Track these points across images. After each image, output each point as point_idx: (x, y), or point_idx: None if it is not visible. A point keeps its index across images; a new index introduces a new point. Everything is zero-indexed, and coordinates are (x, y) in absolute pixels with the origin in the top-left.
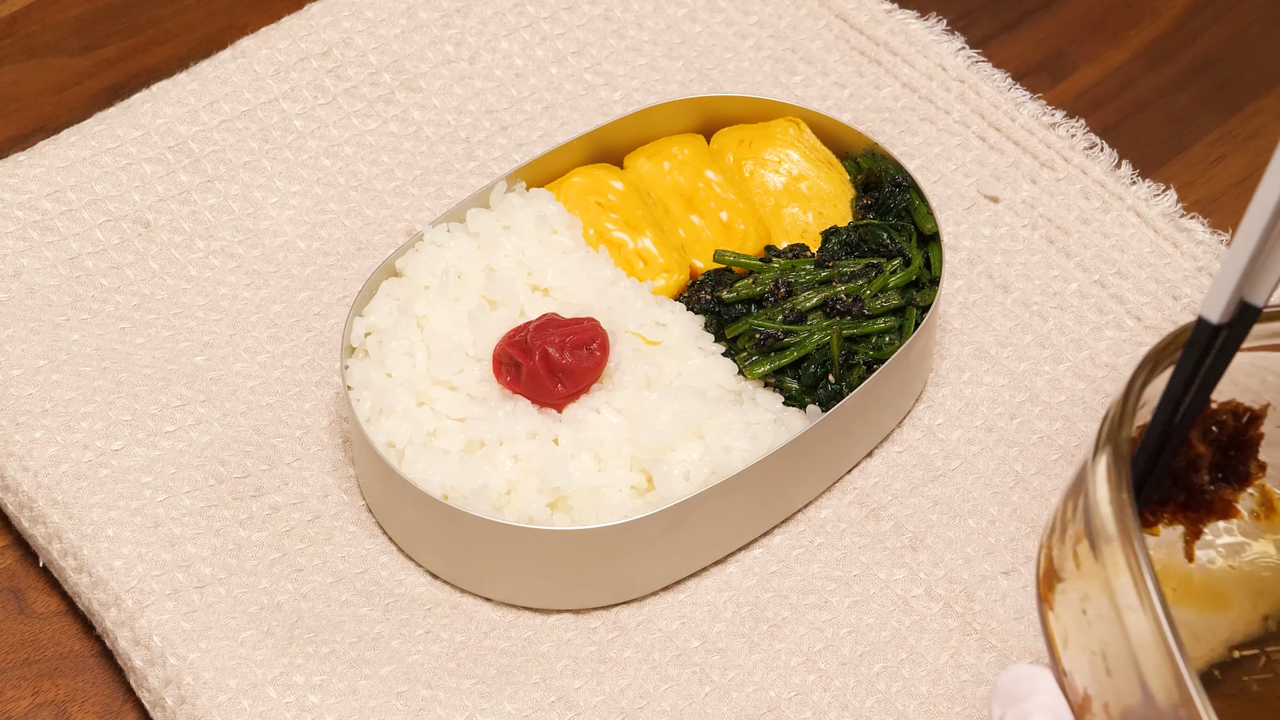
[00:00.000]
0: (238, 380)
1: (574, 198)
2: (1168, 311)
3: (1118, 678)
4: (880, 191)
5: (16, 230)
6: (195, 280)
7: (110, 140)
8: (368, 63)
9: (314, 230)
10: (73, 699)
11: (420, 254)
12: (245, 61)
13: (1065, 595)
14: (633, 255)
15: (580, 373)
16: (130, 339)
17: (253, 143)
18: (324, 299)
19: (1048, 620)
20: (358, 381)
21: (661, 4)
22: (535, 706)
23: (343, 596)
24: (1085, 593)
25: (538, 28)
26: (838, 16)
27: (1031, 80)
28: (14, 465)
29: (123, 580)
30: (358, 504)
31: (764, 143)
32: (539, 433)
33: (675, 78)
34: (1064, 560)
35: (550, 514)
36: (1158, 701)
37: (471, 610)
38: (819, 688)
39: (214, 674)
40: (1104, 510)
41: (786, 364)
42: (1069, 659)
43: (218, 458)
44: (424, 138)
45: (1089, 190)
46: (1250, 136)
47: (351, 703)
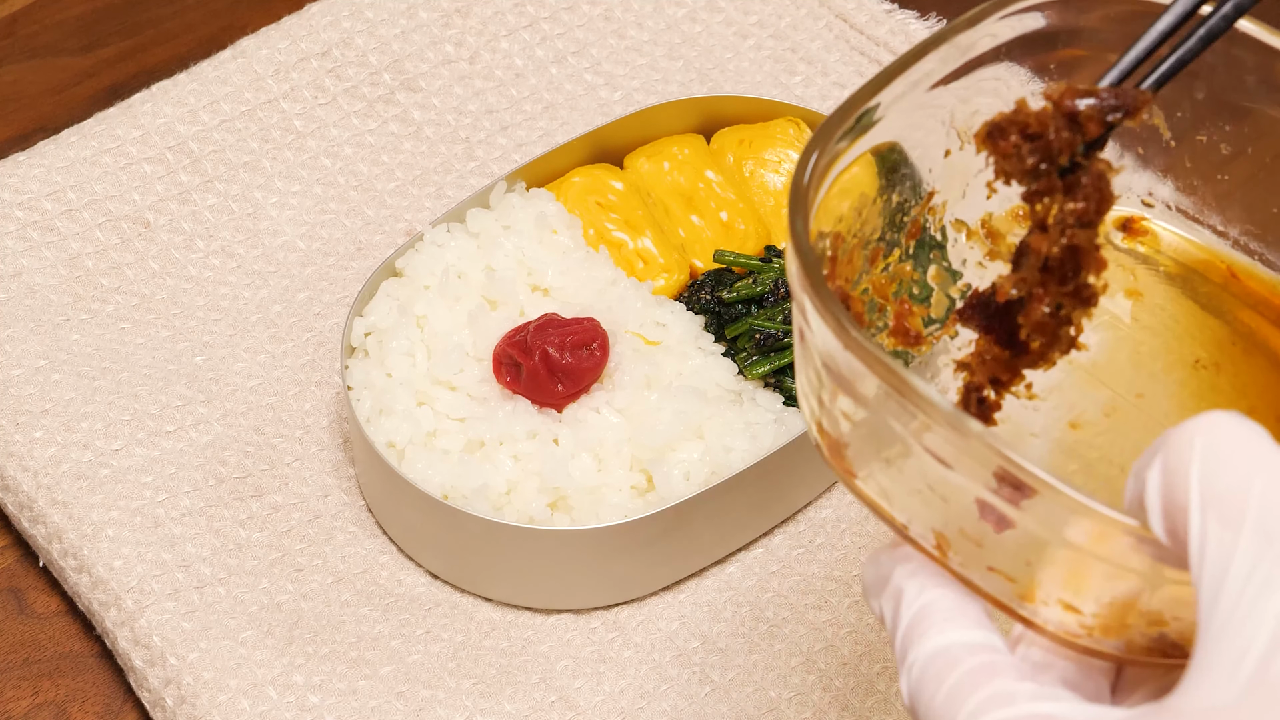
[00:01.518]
0: (238, 380)
1: (574, 198)
2: None
3: (948, 496)
4: None
5: (16, 230)
6: (195, 280)
7: (110, 140)
8: (368, 63)
9: (314, 230)
10: (73, 699)
11: (420, 254)
12: (245, 61)
13: (856, 452)
14: (633, 255)
15: (580, 373)
16: (130, 339)
17: (253, 143)
18: (324, 299)
19: (861, 491)
20: (358, 381)
21: (661, 4)
22: (535, 706)
23: (343, 596)
24: (868, 436)
25: (538, 28)
26: (838, 16)
27: None
28: (14, 465)
29: (123, 580)
30: (358, 504)
31: (764, 143)
32: (539, 433)
33: (675, 78)
34: (836, 423)
35: (550, 514)
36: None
37: (471, 610)
38: (819, 688)
39: (214, 674)
40: (828, 344)
41: (786, 364)
42: (900, 512)
43: (218, 458)
44: (424, 138)
45: None
46: None
47: (351, 703)
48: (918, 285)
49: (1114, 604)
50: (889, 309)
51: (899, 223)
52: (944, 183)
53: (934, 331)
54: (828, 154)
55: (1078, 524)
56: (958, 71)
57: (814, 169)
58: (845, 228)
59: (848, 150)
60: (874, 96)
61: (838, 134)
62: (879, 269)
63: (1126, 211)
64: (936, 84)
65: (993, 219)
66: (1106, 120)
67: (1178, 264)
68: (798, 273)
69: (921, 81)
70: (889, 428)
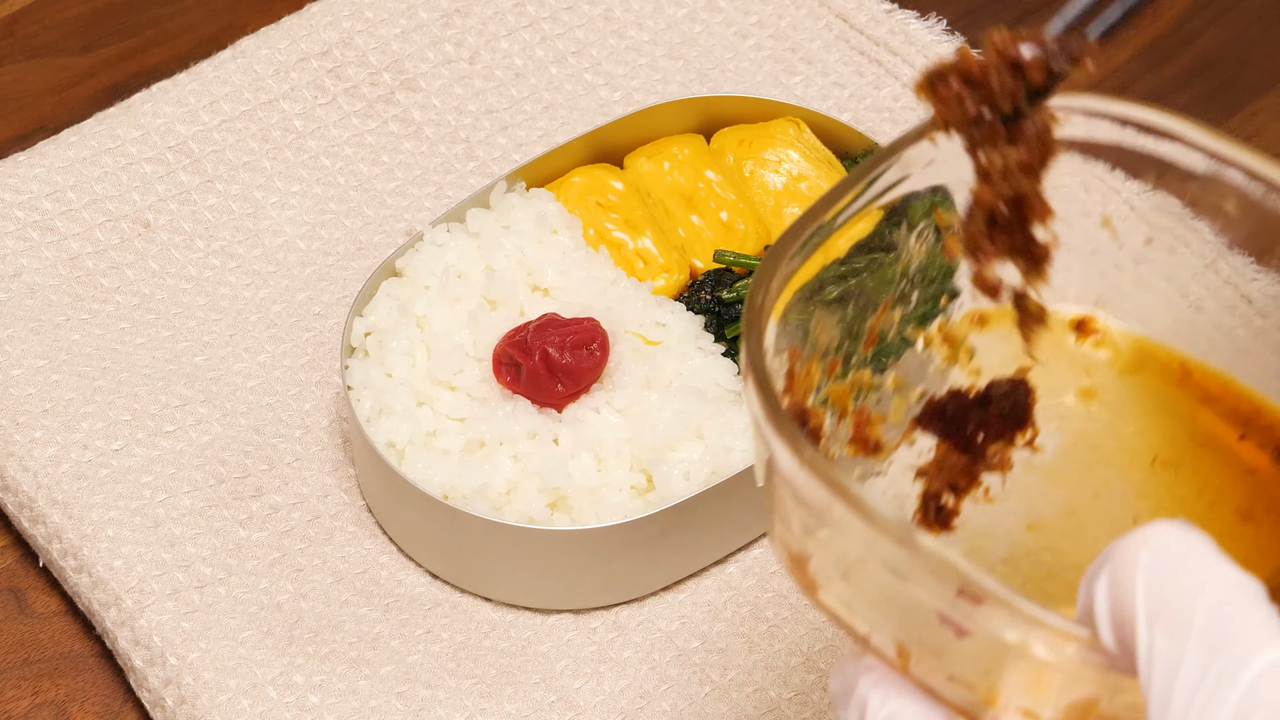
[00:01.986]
0: (238, 380)
1: (574, 198)
2: None
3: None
4: None
5: (16, 230)
6: (195, 280)
7: (110, 140)
8: (368, 63)
9: (314, 230)
10: (73, 699)
11: (420, 254)
12: (245, 61)
13: (818, 566)
14: (633, 255)
15: (580, 373)
16: (130, 339)
17: (253, 143)
18: (324, 299)
19: (824, 603)
20: (358, 381)
21: (661, 4)
22: (535, 706)
23: (343, 596)
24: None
25: (538, 28)
26: (838, 16)
27: None
28: (14, 465)
29: (123, 580)
30: (358, 504)
31: (764, 143)
32: (539, 433)
33: (675, 78)
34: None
35: (550, 514)
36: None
37: (471, 610)
38: (819, 688)
39: (214, 674)
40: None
41: None
42: (862, 623)
43: (218, 458)
44: (424, 138)
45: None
46: (1250, 136)
47: (351, 703)
48: (876, 393)
49: (1073, 710)
50: (849, 418)
51: (856, 332)
52: (900, 292)
53: (894, 439)
54: (782, 272)
55: (1031, 635)
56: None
57: (769, 288)
58: (802, 343)
59: (803, 267)
60: (827, 211)
61: (791, 251)
62: (837, 379)
63: (1079, 311)
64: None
65: (949, 324)
66: (1050, 68)
67: (1132, 362)
68: (754, 394)
69: (876, 197)
70: (847, 544)
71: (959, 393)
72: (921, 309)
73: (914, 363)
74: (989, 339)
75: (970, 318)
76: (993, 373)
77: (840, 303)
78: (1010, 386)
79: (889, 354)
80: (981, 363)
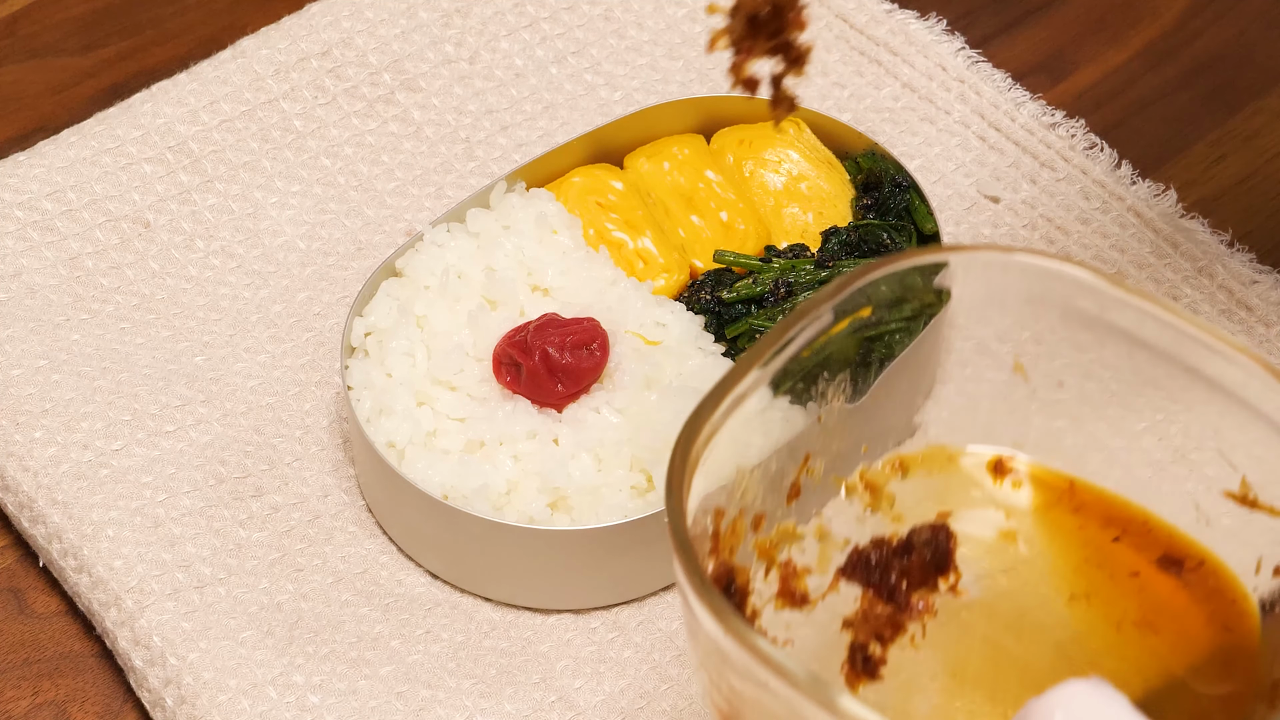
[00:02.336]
0: (238, 380)
1: (574, 198)
2: None
3: None
4: (880, 191)
5: (16, 230)
6: (195, 280)
7: (110, 140)
8: (368, 63)
9: (314, 230)
10: (73, 699)
11: (420, 254)
12: (245, 61)
13: None
14: (633, 255)
15: (580, 373)
16: (130, 339)
17: (253, 143)
18: (324, 299)
19: None
20: (358, 381)
21: (661, 4)
22: (535, 706)
23: (343, 596)
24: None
25: (538, 28)
26: (838, 16)
27: (1031, 80)
28: (14, 465)
29: (123, 580)
30: (358, 504)
31: (764, 143)
32: (539, 433)
33: (675, 78)
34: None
35: (550, 514)
36: None
37: (471, 610)
38: None
39: (214, 674)
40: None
41: None
42: None
43: (218, 458)
44: (424, 138)
45: (1089, 190)
46: (1250, 136)
47: (351, 703)
48: (801, 544)
49: None
50: (775, 571)
51: (779, 486)
52: (819, 445)
53: (820, 589)
54: (702, 438)
55: None
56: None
57: (689, 455)
58: (726, 503)
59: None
60: (745, 376)
61: (712, 418)
62: (762, 533)
63: (996, 452)
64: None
65: (869, 471)
66: None
67: (1046, 499)
68: (678, 564)
69: (791, 356)
70: (775, 706)
71: (882, 541)
72: (841, 458)
73: (837, 511)
74: (909, 485)
75: (890, 464)
76: (914, 519)
77: (761, 460)
78: (931, 533)
79: (811, 506)
80: (902, 509)
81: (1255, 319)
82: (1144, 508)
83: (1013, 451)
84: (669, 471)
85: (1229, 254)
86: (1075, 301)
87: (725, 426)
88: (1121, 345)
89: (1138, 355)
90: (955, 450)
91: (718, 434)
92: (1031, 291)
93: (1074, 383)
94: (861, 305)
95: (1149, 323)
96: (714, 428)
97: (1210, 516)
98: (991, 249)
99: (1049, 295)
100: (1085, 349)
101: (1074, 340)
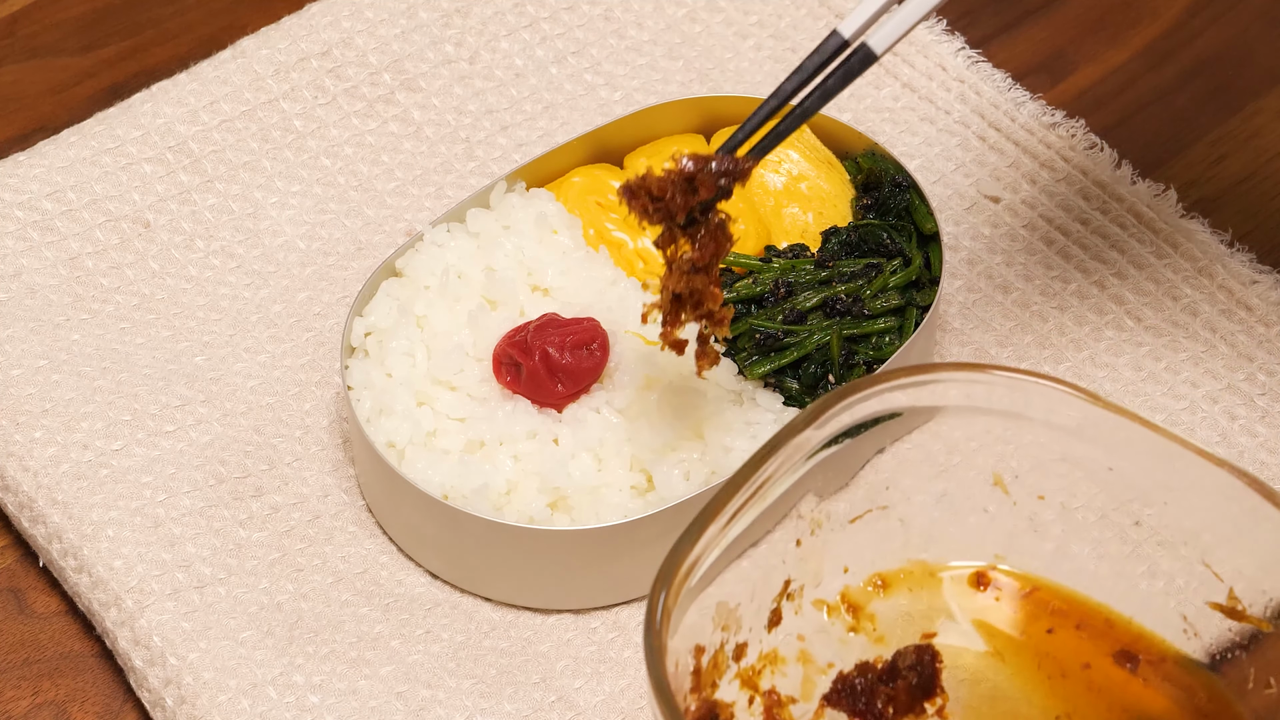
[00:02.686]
0: (238, 380)
1: (574, 198)
2: (1167, 312)
3: None
4: (880, 191)
5: (16, 230)
6: (195, 280)
7: (110, 140)
8: (368, 63)
9: (314, 230)
10: (73, 699)
11: (420, 254)
12: (245, 61)
13: None
14: (633, 255)
15: (580, 373)
16: (130, 339)
17: (253, 143)
18: (324, 299)
19: None
20: (358, 381)
21: (661, 4)
22: (535, 706)
23: (343, 596)
24: None
25: (538, 28)
26: (838, 17)
27: (1031, 80)
28: (14, 465)
29: (123, 580)
30: (358, 504)
31: None
32: (539, 433)
33: (675, 78)
34: None
35: (550, 514)
36: None
37: (471, 610)
38: None
39: (214, 674)
40: None
41: (786, 364)
42: None
43: (218, 458)
44: (424, 138)
45: (1088, 190)
46: (1250, 136)
47: (351, 703)
48: (784, 669)
49: None
50: (759, 700)
51: (760, 615)
52: (798, 569)
53: (805, 718)
54: (679, 578)
55: None
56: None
57: (668, 598)
58: (707, 637)
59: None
60: (721, 513)
61: (689, 556)
62: (744, 663)
63: (976, 565)
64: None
65: (850, 592)
66: (718, 184)
67: (1030, 613)
68: (657, 707)
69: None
70: None
71: (867, 666)
72: (821, 579)
73: (819, 634)
74: (891, 604)
75: (871, 582)
76: (897, 639)
77: (741, 590)
78: (916, 656)
79: (793, 631)
80: (885, 629)
81: (1255, 319)
82: (1131, 619)
83: (994, 564)
84: (647, 613)
85: (1229, 254)
86: (1054, 417)
87: (703, 563)
88: (1102, 460)
89: (1119, 468)
90: (936, 565)
91: (695, 570)
92: (1011, 406)
93: (1055, 495)
94: (838, 430)
95: (1127, 436)
96: (691, 565)
97: (1198, 628)
98: (972, 369)
99: (1028, 410)
100: (1066, 462)
101: (1054, 454)
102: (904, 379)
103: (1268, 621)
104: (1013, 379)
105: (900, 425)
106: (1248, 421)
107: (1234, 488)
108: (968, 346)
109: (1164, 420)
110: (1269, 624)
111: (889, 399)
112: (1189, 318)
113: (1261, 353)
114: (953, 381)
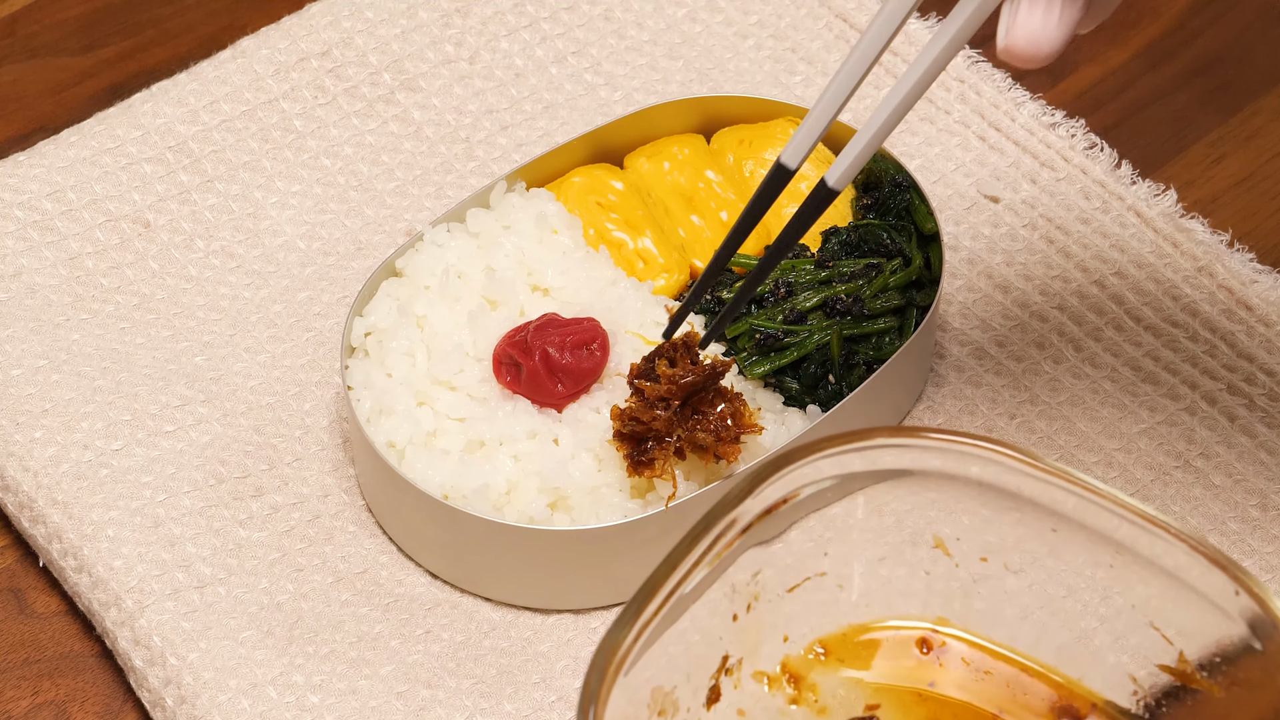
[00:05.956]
0: (238, 380)
1: (574, 198)
2: (1167, 312)
3: None
4: (880, 191)
5: (16, 230)
6: (195, 280)
7: (110, 140)
8: (368, 63)
9: (314, 230)
10: (73, 699)
11: (420, 254)
12: (245, 61)
13: None
14: (633, 255)
15: (580, 373)
16: (130, 339)
17: (253, 143)
18: (324, 299)
19: None
20: (358, 381)
21: (661, 4)
22: (535, 706)
23: (343, 596)
24: None
25: (538, 28)
26: (838, 16)
27: (1031, 80)
28: (14, 465)
29: (123, 580)
30: (358, 504)
31: (764, 143)
32: (539, 433)
33: (675, 78)
34: None
35: (550, 514)
36: None
37: (471, 610)
38: None
39: (214, 674)
40: None
41: (786, 364)
42: None
43: (218, 458)
44: (424, 138)
45: (1089, 190)
46: (1250, 136)
47: (351, 703)
48: None
49: None
50: None
51: (698, 693)
52: (736, 643)
53: None
54: (614, 665)
55: None
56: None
57: (602, 686)
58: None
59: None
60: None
61: (623, 643)
62: None
63: (919, 628)
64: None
65: (791, 661)
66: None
67: (975, 677)
68: None
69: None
70: None
71: None
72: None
73: (759, 708)
74: (833, 673)
75: (811, 650)
76: (840, 711)
77: (676, 671)
78: None
79: (734, 706)
80: (827, 700)
81: (1255, 319)
82: (1078, 682)
83: (936, 627)
84: (580, 705)
85: (1229, 254)
86: (992, 479)
87: (637, 648)
88: (1045, 521)
89: (1062, 530)
90: (878, 628)
91: (630, 657)
92: (946, 468)
93: (997, 557)
94: (773, 500)
95: (1067, 500)
96: (625, 651)
97: (1147, 690)
98: (906, 434)
99: (966, 472)
100: (1007, 524)
101: (994, 516)
102: (837, 448)
103: (1218, 686)
104: (946, 445)
105: (837, 490)
106: (1247, 421)
107: (1180, 552)
108: (967, 346)
109: (1163, 420)
110: (1220, 689)
111: (822, 467)
112: (1189, 318)
113: (1261, 353)
114: (886, 448)
